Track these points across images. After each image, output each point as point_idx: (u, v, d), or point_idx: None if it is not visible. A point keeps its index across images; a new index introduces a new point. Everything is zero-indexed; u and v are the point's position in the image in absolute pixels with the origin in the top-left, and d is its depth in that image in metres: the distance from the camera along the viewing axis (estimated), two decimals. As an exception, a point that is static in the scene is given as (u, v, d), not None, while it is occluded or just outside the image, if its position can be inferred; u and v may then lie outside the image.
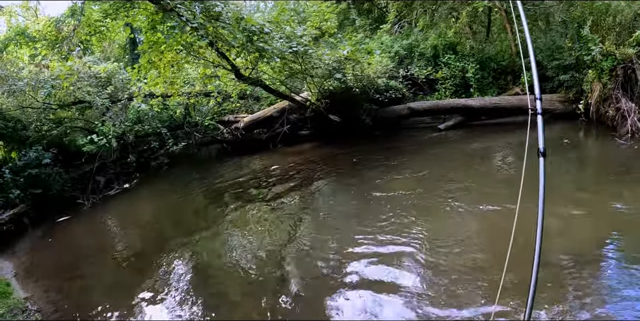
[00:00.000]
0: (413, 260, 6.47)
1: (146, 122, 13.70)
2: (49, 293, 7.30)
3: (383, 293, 5.72)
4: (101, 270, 7.72)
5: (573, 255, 6.09)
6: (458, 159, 11.77)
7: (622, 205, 7.60)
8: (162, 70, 11.75)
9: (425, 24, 19.57)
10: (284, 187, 10.70)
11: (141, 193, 12.08)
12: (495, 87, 16.56)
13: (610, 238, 6.58)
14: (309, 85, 13.95)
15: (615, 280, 5.49)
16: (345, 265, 6.53)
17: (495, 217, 7.66)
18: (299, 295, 5.99)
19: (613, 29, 12.99)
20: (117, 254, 8.30)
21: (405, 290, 5.72)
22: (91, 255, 8.46)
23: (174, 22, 9.15)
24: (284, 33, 11.31)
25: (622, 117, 11.80)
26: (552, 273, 5.73)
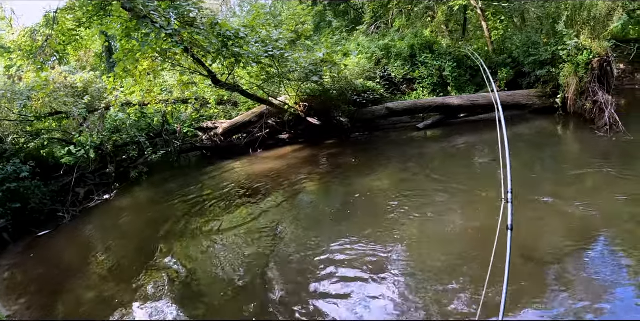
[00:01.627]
0: (396, 262, 6.65)
1: (124, 131, 13.71)
2: (31, 310, 7.27)
3: (366, 295, 5.89)
4: (85, 284, 7.70)
5: (555, 249, 6.36)
6: (438, 158, 12.10)
7: (605, 197, 7.87)
8: (138, 78, 11.86)
9: (401, 24, 19.95)
10: (265, 192, 10.81)
11: (122, 204, 12.04)
12: (473, 85, 16.98)
13: (593, 231, 6.80)
14: (286, 89, 14.15)
15: (599, 273, 5.67)
16: (328, 269, 6.68)
17: (476, 216, 7.89)
18: (282, 300, 6.13)
19: (588, 23, 13.31)
20: (100, 267, 8.33)
21: (389, 291, 5.90)
22: (74, 269, 8.42)
23: (148, 29, 9.23)
24: (260, 37, 11.47)
25: (599, 110, 12.21)
26: (534, 268, 6.01)
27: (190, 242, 8.64)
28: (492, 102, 14.51)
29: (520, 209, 7.92)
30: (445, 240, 7.22)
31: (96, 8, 9.70)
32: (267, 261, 7.33)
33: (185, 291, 6.88)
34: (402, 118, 16.24)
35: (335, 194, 10.28)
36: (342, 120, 14.62)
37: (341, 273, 6.51)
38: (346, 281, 6.29)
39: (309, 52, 13.05)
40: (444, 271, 6.20)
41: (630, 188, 8.05)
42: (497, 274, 5.79)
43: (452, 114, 15.43)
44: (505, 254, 4.08)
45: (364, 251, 7.08)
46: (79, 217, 11.40)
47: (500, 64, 16.48)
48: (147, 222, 10.47)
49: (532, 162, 10.70)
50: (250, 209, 9.93)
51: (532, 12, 16.95)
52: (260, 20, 12.53)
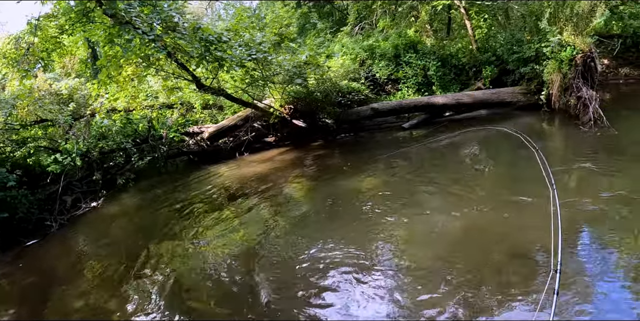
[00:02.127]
0: (384, 262, 6.78)
1: (110, 137, 13.73)
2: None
3: (354, 296, 5.98)
4: (74, 293, 7.67)
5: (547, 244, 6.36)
6: (424, 158, 12.23)
7: (590, 195, 8.02)
8: (122, 84, 11.94)
9: (385, 25, 20.11)
10: (252, 195, 10.87)
11: (109, 211, 11.99)
12: (458, 83, 17.24)
13: (583, 224, 7.01)
14: (271, 92, 14.25)
15: (588, 267, 5.85)
16: (316, 270, 6.77)
17: (462, 216, 7.99)
18: (271, 302, 6.22)
19: (571, 19, 13.52)
20: (89, 275, 8.31)
21: (377, 292, 6.01)
22: (63, 278, 8.43)
23: (130, 35, 9.31)
24: (243, 40, 11.55)
25: (583, 105, 12.46)
26: (523, 264, 6.17)
27: (178, 247, 8.65)
28: (477, 100, 14.89)
29: (502, 207, 8.18)
30: (432, 240, 7.34)
31: (78, 15, 9.71)
32: (256, 264, 7.40)
33: (175, 297, 6.93)
34: (388, 119, 16.41)
35: (321, 196, 10.36)
36: (328, 122, 14.73)
37: (329, 275, 6.60)
38: (335, 283, 6.39)
39: (293, 55, 13.14)
40: (433, 271, 6.30)
41: (613, 184, 8.28)
42: (484, 273, 6.04)
43: (437, 113, 15.65)
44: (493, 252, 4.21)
45: (351, 251, 7.18)
46: (67, 225, 11.36)
47: (484, 62, 16.67)
48: (135, 228, 10.53)
49: (516, 159, 10.89)
50: (237, 213, 10.00)
51: (516, 10, 17.19)
52: (244, 23, 12.58)
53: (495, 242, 6.90)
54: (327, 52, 17.35)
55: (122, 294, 7.26)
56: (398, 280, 6.26)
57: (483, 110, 15.67)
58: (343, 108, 15.34)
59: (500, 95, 15.21)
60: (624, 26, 17.95)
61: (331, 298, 6.04)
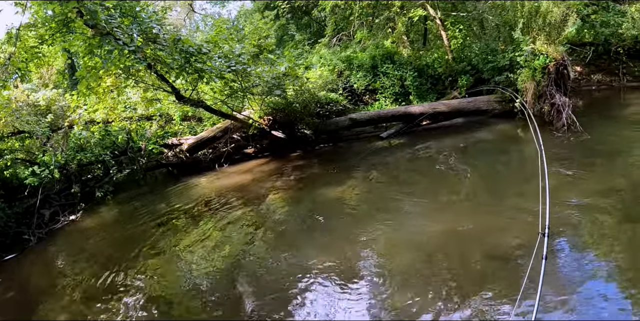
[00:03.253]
0: (366, 269, 6.96)
1: (88, 149, 13.71)
2: (1, 337, 7.22)
3: (338, 304, 6.12)
4: (55, 307, 7.68)
5: (524, 247, 6.67)
6: (401, 166, 12.53)
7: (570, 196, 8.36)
8: (101, 95, 11.93)
9: (363, 36, 20.39)
10: (232, 207, 10.92)
11: (88, 224, 11.93)
12: (434, 93, 17.55)
13: (560, 227, 7.19)
14: (250, 103, 14.35)
15: (564, 271, 6.06)
16: (300, 280, 6.87)
17: (441, 221, 8.23)
18: (254, 313, 6.32)
19: (543, 29, 13.89)
20: (70, 289, 8.25)
21: (362, 298, 6.16)
22: (44, 292, 8.37)
23: (111, 46, 9.38)
24: (222, 52, 11.66)
25: (557, 112, 12.80)
26: (501, 266, 6.39)
27: (159, 260, 8.71)
28: (453, 108, 15.22)
29: (476, 210, 8.44)
30: (412, 245, 7.50)
31: (59, 25, 9.72)
32: (237, 274, 7.50)
33: (157, 310, 6.97)
34: (366, 129, 16.60)
35: (302, 205, 10.51)
36: (306, 133, 14.89)
37: (312, 284, 6.73)
38: (317, 291, 6.52)
39: (272, 66, 13.26)
40: (415, 275, 6.50)
41: (584, 188, 8.59)
42: (462, 277, 6.26)
43: (415, 122, 15.77)
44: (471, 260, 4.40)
45: (333, 260, 7.32)
46: (45, 239, 11.28)
47: (460, 72, 17.06)
48: (115, 241, 10.47)
49: (492, 165, 11.21)
50: (217, 224, 10.06)
51: (490, 20, 17.55)
52: (223, 35, 12.65)
53: (475, 246, 7.10)
54: (306, 64, 17.55)
55: (104, 308, 7.25)
56: (381, 286, 6.40)
57: (460, 118, 15.97)
58: (321, 118, 15.53)
59: (476, 104, 15.53)
60: (596, 34, 18.42)
61: (314, 307, 6.17)
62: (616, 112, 14.86)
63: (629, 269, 5.93)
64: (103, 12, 9.20)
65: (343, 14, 20.71)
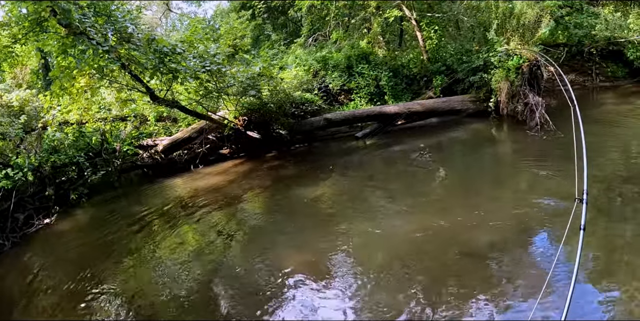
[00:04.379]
0: (342, 268, 6.98)
1: (62, 151, 13.56)
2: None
3: (317, 302, 6.16)
4: (32, 312, 7.53)
5: (497, 243, 6.88)
6: (377, 165, 12.67)
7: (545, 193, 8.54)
8: (75, 96, 11.86)
9: (338, 36, 20.53)
10: (208, 209, 10.92)
11: (63, 228, 11.80)
12: (409, 93, 17.76)
13: (532, 223, 7.39)
14: (225, 104, 14.40)
15: (544, 264, 6.13)
16: (276, 279, 6.89)
17: (415, 218, 8.37)
18: (233, 313, 6.33)
19: (517, 30, 14.20)
20: (46, 294, 8.11)
21: (338, 297, 6.19)
22: (19, 298, 8.18)
23: (85, 46, 9.35)
24: (197, 52, 11.70)
25: (530, 111, 13.08)
26: (478, 263, 6.48)
27: (135, 263, 8.65)
28: (428, 108, 15.44)
29: (451, 208, 8.61)
30: (388, 244, 7.60)
31: (32, 24, 9.68)
32: (214, 276, 7.50)
33: (134, 313, 6.92)
34: (341, 128, 16.76)
35: (277, 206, 10.62)
36: (282, 133, 14.99)
37: (288, 283, 6.75)
38: (294, 290, 6.54)
39: (247, 66, 13.32)
40: (391, 272, 6.59)
41: (560, 184, 8.77)
42: (436, 273, 6.40)
43: (390, 122, 16.06)
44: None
45: (309, 259, 7.40)
46: (19, 244, 11.10)
47: (435, 72, 17.30)
48: (91, 244, 10.32)
49: (466, 164, 11.45)
50: (194, 226, 10.07)
51: (466, 21, 17.82)
52: (198, 35, 12.68)
53: (449, 244, 7.20)
54: (281, 64, 17.65)
55: (81, 312, 7.19)
56: (358, 284, 6.45)
57: (434, 118, 16.23)
58: (297, 119, 15.63)
59: (451, 104, 15.81)
60: (570, 35, 18.73)
61: (292, 307, 6.18)
62: (589, 111, 14.94)
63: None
64: (77, 11, 9.16)
65: (319, 14, 20.82)
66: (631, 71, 19.26)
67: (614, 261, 6.02)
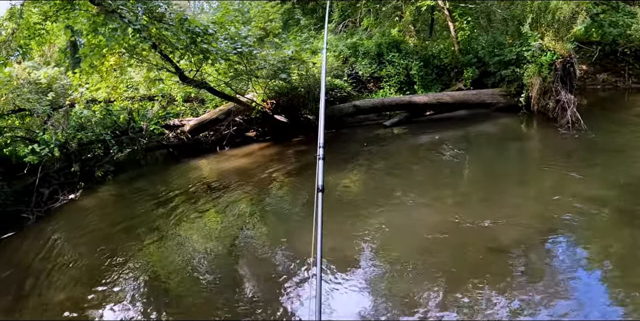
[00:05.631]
0: (368, 255, 6.95)
1: (89, 128, 13.52)
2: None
3: (340, 291, 6.05)
4: (53, 286, 7.52)
5: (522, 241, 6.74)
6: (404, 155, 12.46)
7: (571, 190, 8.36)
8: (104, 74, 11.75)
9: (369, 23, 20.32)
10: (231, 191, 10.83)
11: (87, 204, 11.79)
12: (439, 83, 17.52)
13: (558, 223, 7.19)
14: (254, 86, 14.19)
15: (565, 265, 6.02)
16: (296, 268, 6.80)
17: (438, 211, 8.29)
18: (254, 298, 6.24)
19: (552, 25, 13.82)
20: (68, 269, 8.12)
21: (361, 286, 6.12)
22: (41, 271, 8.16)
23: (116, 24, 9.20)
24: (229, 34, 11.51)
25: (562, 109, 12.70)
26: (502, 259, 6.37)
27: (159, 242, 8.59)
28: (458, 100, 15.17)
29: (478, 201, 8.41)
30: (413, 235, 7.48)
31: (63, 1, 9.53)
32: (234, 259, 7.46)
33: (156, 292, 6.87)
34: (369, 116, 16.52)
35: (300, 192, 10.42)
36: (310, 118, 14.77)
37: (310, 270, 6.60)
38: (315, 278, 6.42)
39: (277, 50, 13.11)
40: (418, 265, 6.45)
41: (583, 187, 8.53)
42: (456, 268, 6.18)
43: (418, 112, 15.85)
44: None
45: (331, 248, 7.18)
46: (44, 218, 11.11)
47: (466, 64, 17.00)
48: (114, 221, 10.28)
49: (494, 158, 11.23)
50: (218, 207, 9.96)
51: (499, 13, 17.45)
52: (229, 16, 12.49)
53: (475, 237, 7.09)
54: (313, 48, 17.43)
55: (102, 288, 7.15)
56: (381, 275, 6.36)
57: (463, 110, 15.90)
58: (325, 104, 15.27)
59: (481, 96, 15.47)
60: (604, 34, 18.27)
61: (310, 293, 6.04)
62: (621, 113, 14.76)
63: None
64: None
65: (350, 1, 20.59)
66: None
67: None
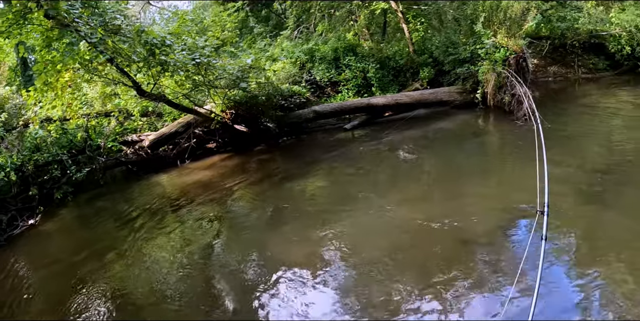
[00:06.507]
0: (337, 259, 6.97)
1: (45, 149, 13.04)
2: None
3: (310, 296, 6.11)
4: (18, 313, 7.32)
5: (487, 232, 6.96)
6: (366, 157, 12.67)
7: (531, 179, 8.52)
8: (59, 91, 11.38)
9: (324, 28, 20.49)
10: (196, 205, 10.72)
11: (49, 228, 11.42)
12: (396, 84, 17.86)
13: (521, 212, 7.41)
14: (213, 97, 14.02)
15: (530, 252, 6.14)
16: (268, 277, 6.79)
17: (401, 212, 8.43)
18: (223, 313, 6.22)
19: (504, 23, 14.27)
20: (33, 296, 7.87)
21: (332, 290, 6.17)
22: (6, 301, 7.82)
23: (71, 38, 8.96)
24: (186, 44, 11.36)
25: (518, 102, 13.16)
26: (470, 250, 6.55)
27: (123, 262, 8.38)
28: (415, 100, 15.43)
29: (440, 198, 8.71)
30: (380, 236, 7.62)
31: (17, 16, 9.14)
32: (204, 275, 7.35)
33: (123, 313, 6.74)
34: (329, 121, 16.68)
35: (266, 201, 10.43)
36: (270, 126, 14.75)
37: (281, 279, 6.66)
38: (287, 287, 6.45)
39: (235, 59, 13.01)
40: (387, 267, 6.52)
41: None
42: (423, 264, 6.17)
43: (378, 114, 16.17)
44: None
45: (301, 254, 7.32)
46: (4, 246, 10.67)
47: (421, 64, 17.40)
48: (77, 246, 9.96)
49: (454, 154, 11.57)
50: (183, 223, 9.83)
51: (451, 13, 17.83)
52: (185, 27, 12.38)
53: (443, 230, 7.31)
54: (273, 56, 17.46)
55: (66, 313, 6.96)
56: (350, 278, 6.45)
57: (422, 109, 16.23)
58: (285, 111, 15.48)
59: (438, 95, 15.89)
60: (553, 28, 19.17)
61: (283, 301, 6.12)
62: (573, 102, 15.53)
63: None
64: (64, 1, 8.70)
65: (304, 6, 20.67)
66: (612, 63, 19.61)
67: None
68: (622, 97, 15.52)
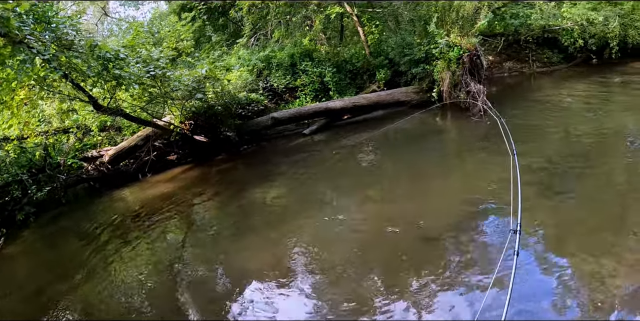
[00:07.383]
0: (302, 264, 7.14)
1: (4, 170, 13.00)
2: None
3: (280, 304, 6.24)
4: None
5: (451, 227, 7.21)
6: (326, 161, 12.86)
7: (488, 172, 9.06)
8: (15, 110, 11.35)
9: (280, 35, 20.64)
10: (160, 218, 10.72)
11: (12, 251, 11.23)
12: (354, 87, 18.22)
13: (483, 205, 7.81)
14: (170, 109, 14.08)
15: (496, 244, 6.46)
16: (237, 285, 6.95)
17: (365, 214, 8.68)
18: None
19: (457, 22, 14.66)
20: None
21: (300, 295, 6.31)
22: None
23: (24, 55, 8.92)
24: (140, 57, 11.44)
25: (473, 99, 13.64)
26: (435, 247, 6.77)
27: (91, 283, 8.29)
28: (373, 101, 15.75)
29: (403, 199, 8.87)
30: (344, 239, 7.79)
31: None
32: (174, 288, 7.40)
33: None
34: (288, 127, 16.87)
35: (230, 210, 10.57)
36: (229, 135, 14.86)
37: (249, 286, 6.81)
38: (256, 293, 6.59)
39: (191, 69, 13.12)
40: (350, 268, 6.72)
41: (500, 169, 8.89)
42: (390, 262, 6.43)
43: (337, 117, 16.50)
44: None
45: (267, 260, 7.45)
46: None
47: (378, 66, 17.69)
48: (43, 266, 9.94)
49: (414, 154, 11.87)
50: (147, 237, 9.84)
51: (405, 15, 18.24)
52: (140, 39, 12.44)
53: (407, 229, 7.49)
54: (227, 65, 17.56)
55: None
56: (318, 281, 6.60)
57: (380, 110, 16.67)
58: (243, 120, 15.64)
59: (395, 96, 16.31)
60: (506, 25, 19.81)
61: (253, 309, 6.22)
62: (528, 95, 16.22)
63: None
64: (15, 18, 8.66)
65: (260, 13, 20.80)
66: (566, 56, 20.67)
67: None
68: (575, 89, 16.36)
